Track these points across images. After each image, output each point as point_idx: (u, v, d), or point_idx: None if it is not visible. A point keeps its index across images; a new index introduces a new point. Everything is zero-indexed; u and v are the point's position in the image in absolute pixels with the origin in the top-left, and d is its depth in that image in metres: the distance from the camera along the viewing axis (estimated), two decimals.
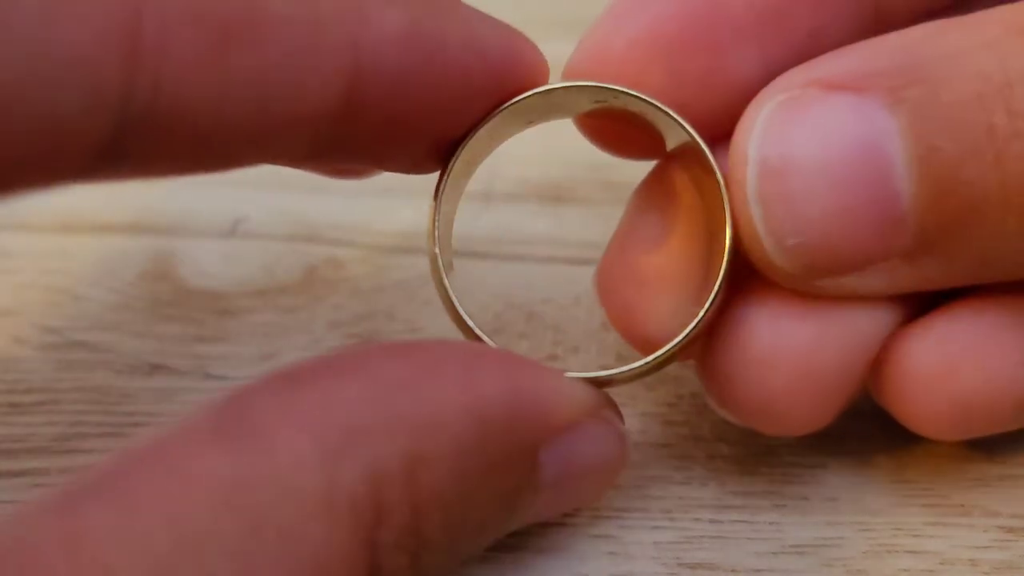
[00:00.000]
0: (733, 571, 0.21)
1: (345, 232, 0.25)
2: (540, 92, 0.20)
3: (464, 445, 0.17)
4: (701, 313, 0.19)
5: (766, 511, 0.22)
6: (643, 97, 0.19)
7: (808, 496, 0.22)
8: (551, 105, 0.20)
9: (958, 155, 0.17)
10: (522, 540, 0.20)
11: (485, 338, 0.19)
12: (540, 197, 0.26)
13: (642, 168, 0.22)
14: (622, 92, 0.19)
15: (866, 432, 0.23)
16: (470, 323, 0.19)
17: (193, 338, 0.24)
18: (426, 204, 0.20)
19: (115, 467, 0.15)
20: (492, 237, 0.26)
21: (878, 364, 0.20)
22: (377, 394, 0.16)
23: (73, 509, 0.14)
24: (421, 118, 0.19)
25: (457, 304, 0.19)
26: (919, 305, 0.20)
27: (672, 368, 0.21)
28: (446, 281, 0.19)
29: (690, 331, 0.19)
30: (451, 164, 0.20)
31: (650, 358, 0.19)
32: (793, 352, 0.19)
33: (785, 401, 0.19)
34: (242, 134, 0.17)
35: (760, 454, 0.22)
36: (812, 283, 0.19)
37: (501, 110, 0.20)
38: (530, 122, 0.21)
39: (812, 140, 0.18)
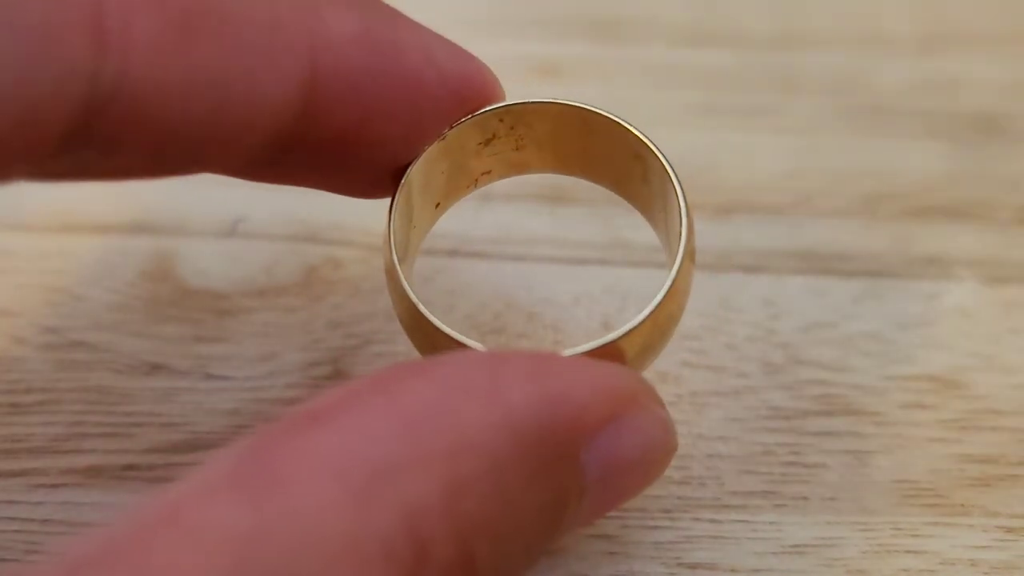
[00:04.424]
0: (733, 571, 0.21)
1: (345, 232, 0.25)
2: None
3: (502, 462, 0.16)
4: (675, 266, 0.19)
5: (765, 511, 0.22)
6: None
7: (808, 496, 0.22)
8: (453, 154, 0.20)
9: None
10: None
11: (462, 338, 0.18)
12: (539, 197, 0.26)
13: None
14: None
15: (866, 432, 0.23)
16: (446, 329, 0.19)
17: (193, 338, 0.24)
18: None
19: (125, 532, 0.14)
20: (492, 237, 0.26)
21: None
22: (404, 424, 0.15)
23: None
24: (377, 128, 0.19)
25: (427, 313, 0.19)
26: None
27: (671, 367, 0.21)
28: (408, 290, 0.19)
29: (668, 287, 0.19)
30: (404, 178, 0.19)
31: (641, 315, 0.19)
32: None
33: None
34: (204, 129, 0.17)
35: (760, 454, 0.22)
36: None
37: (459, 123, 0.20)
38: (438, 205, 0.21)
39: None
